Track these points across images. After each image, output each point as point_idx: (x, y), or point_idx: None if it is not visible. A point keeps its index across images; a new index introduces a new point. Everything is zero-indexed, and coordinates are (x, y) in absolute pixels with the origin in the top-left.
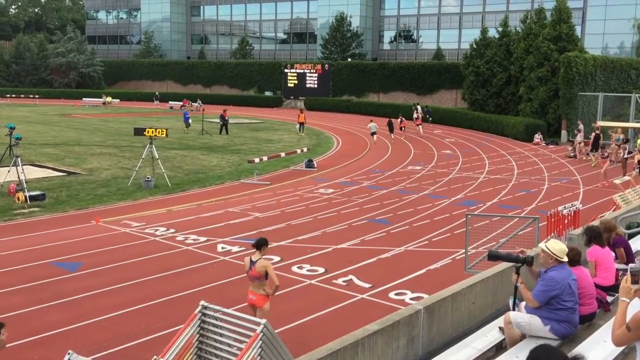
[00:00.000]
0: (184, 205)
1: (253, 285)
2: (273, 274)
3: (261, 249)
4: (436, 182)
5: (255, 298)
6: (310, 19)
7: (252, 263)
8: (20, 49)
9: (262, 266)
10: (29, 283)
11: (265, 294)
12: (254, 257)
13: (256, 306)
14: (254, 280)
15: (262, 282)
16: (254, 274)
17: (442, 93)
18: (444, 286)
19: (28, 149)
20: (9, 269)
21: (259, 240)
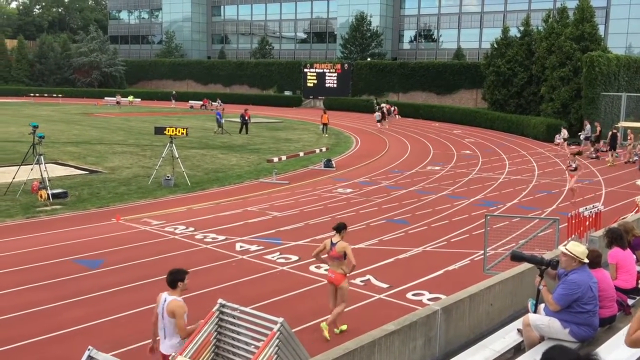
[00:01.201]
0: (203, 204)
1: (332, 264)
2: (351, 255)
3: (341, 232)
4: (455, 182)
5: (334, 276)
6: (330, 19)
7: (333, 244)
8: (44, 48)
9: (342, 247)
10: (51, 280)
11: (343, 272)
12: (334, 239)
13: (335, 284)
14: (334, 260)
15: (341, 262)
16: (334, 254)
17: (462, 93)
18: (462, 287)
19: (51, 147)
20: (31, 266)
21: (339, 224)
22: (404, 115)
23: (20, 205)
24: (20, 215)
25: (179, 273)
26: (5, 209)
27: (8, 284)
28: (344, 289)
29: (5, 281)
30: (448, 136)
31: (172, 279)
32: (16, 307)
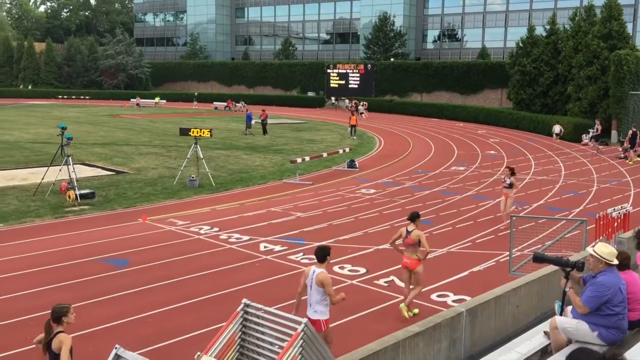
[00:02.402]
0: (228, 205)
1: (407, 251)
2: (425, 242)
3: (415, 221)
4: (480, 182)
5: (410, 262)
6: (353, 19)
7: (408, 232)
8: (72, 51)
9: (417, 235)
10: (78, 279)
11: (417, 258)
12: (409, 227)
13: (410, 269)
14: (409, 247)
15: (416, 249)
16: (409, 242)
17: (486, 92)
18: (487, 289)
19: (79, 148)
20: (59, 265)
21: (413, 214)
22: (427, 115)
23: (49, 206)
24: (49, 215)
25: (327, 249)
26: (35, 209)
27: (37, 283)
28: (419, 273)
29: (35, 280)
30: (472, 136)
31: (323, 253)
32: (45, 306)
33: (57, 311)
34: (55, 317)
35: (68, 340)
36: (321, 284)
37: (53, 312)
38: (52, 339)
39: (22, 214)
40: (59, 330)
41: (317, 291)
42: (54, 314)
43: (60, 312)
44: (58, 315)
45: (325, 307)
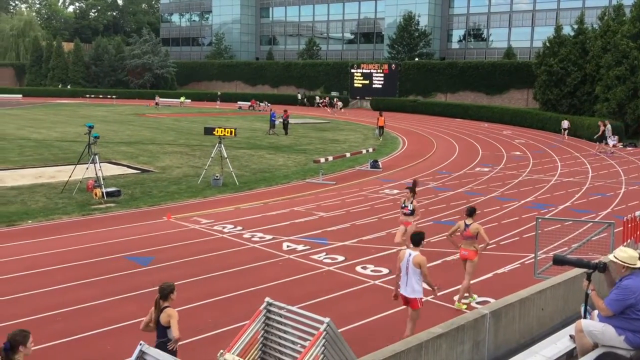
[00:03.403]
0: (251, 204)
1: (465, 243)
2: (485, 235)
3: (473, 215)
4: (505, 184)
5: (468, 253)
6: (378, 19)
7: (467, 225)
8: (99, 51)
9: (475, 228)
10: (104, 276)
11: (475, 249)
12: (467, 221)
13: (467, 259)
14: (467, 239)
15: (473, 241)
16: (468, 234)
17: (512, 93)
18: (511, 291)
19: (105, 147)
20: (86, 262)
21: (471, 208)
22: (451, 116)
23: (76, 203)
24: (76, 212)
25: (423, 234)
26: (62, 207)
27: (64, 279)
28: (474, 264)
29: (61, 276)
30: (497, 137)
31: (419, 238)
32: (71, 302)
33: (164, 289)
34: (163, 294)
35: (175, 314)
36: (418, 265)
37: (161, 290)
38: (161, 314)
39: (49, 211)
40: (165, 305)
41: (414, 272)
42: (162, 291)
43: (168, 290)
44: (166, 292)
45: (420, 287)
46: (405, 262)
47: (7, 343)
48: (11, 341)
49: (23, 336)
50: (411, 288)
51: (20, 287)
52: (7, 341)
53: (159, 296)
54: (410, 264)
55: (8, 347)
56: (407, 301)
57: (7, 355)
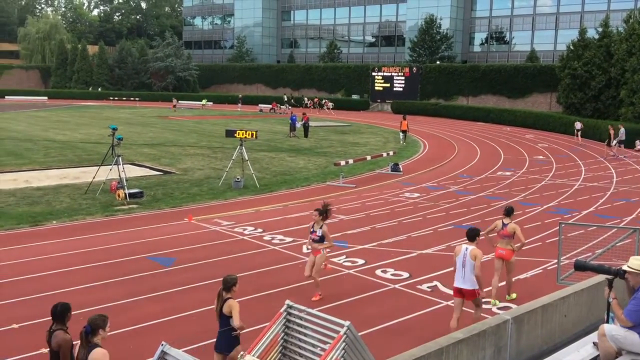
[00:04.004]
0: (272, 206)
1: (502, 242)
2: (521, 234)
3: (510, 215)
4: (527, 188)
5: (505, 252)
6: (399, 22)
7: (504, 225)
8: (123, 54)
9: (512, 228)
10: (126, 276)
11: (511, 248)
12: (505, 220)
13: (504, 259)
14: (504, 238)
15: (510, 240)
16: (504, 233)
17: (535, 96)
18: (534, 297)
19: (128, 148)
20: (109, 262)
21: (509, 208)
22: (473, 119)
23: (99, 204)
24: (99, 213)
25: (477, 230)
26: (86, 207)
27: (87, 279)
28: (512, 263)
29: (84, 276)
30: (520, 141)
31: (474, 234)
32: (94, 302)
33: (228, 281)
34: (226, 286)
35: (236, 305)
36: (474, 258)
37: (224, 282)
38: (223, 305)
39: (73, 211)
40: (228, 297)
41: (471, 265)
42: (225, 283)
43: (231, 282)
44: (229, 285)
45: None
46: (462, 257)
47: (87, 326)
48: (92, 325)
49: (102, 320)
50: (469, 281)
51: (44, 287)
52: (88, 324)
53: (222, 288)
54: (467, 258)
55: (89, 330)
56: (463, 293)
57: (88, 337)
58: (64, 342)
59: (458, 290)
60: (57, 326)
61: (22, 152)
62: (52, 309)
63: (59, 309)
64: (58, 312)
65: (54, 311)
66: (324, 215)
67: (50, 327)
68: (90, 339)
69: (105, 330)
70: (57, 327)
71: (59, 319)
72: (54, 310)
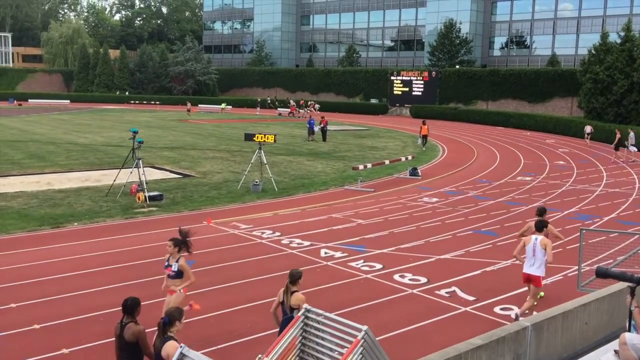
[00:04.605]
0: (290, 210)
1: None
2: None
3: (543, 215)
4: (548, 194)
5: None
6: (419, 26)
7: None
8: (144, 58)
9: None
10: (145, 278)
11: None
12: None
13: None
14: None
15: None
16: None
17: (556, 101)
18: (554, 304)
19: (149, 152)
20: (127, 264)
21: (541, 208)
22: (492, 123)
23: (120, 206)
24: (119, 215)
25: (546, 221)
26: (107, 210)
27: (106, 281)
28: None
29: (104, 278)
30: (540, 146)
31: (542, 225)
32: (113, 304)
33: (294, 275)
34: (292, 280)
35: (303, 298)
36: (544, 246)
37: (291, 276)
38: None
39: (94, 213)
40: (294, 290)
41: (541, 252)
42: (292, 277)
43: (297, 276)
44: (295, 278)
45: (544, 266)
46: (532, 245)
47: (165, 318)
48: (169, 316)
49: (179, 313)
50: (538, 268)
51: (65, 288)
52: (166, 316)
53: (288, 281)
54: (537, 246)
55: (167, 322)
56: (530, 279)
57: (165, 328)
58: (139, 333)
59: (527, 277)
60: (127, 319)
61: (45, 155)
62: (123, 303)
63: (129, 303)
64: (128, 306)
65: (125, 305)
66: (181, 246)
67: (121, 320)
68: (167, 330)
69: (181, 322)
70: (127, 320)
71: (129, 312)
72: (124, 304)
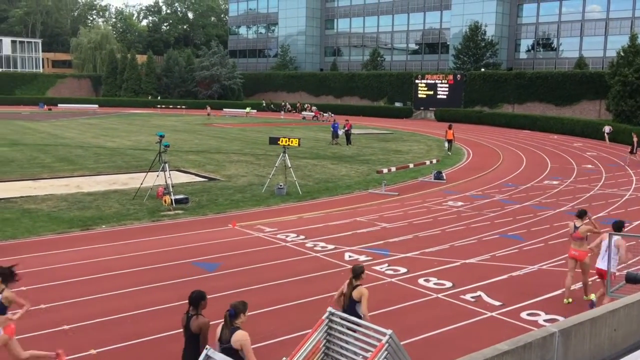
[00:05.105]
0: (314, 213)
1: (575, 243)
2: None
3: (583, 217)
4: (575, 198)
5: (578, 253)
6: (443, 29)
7: (576, 227)
8: (170, 63)
9: (584, 230)
10: (171, 280)
11: (584, 250)
12: (577, 223)
13: (578, 259)
14: (577, 240)
15: (583, 242)
16: (577, 236)
17: (583, 104)
18: (581, 309)
19: (175, 155)
20: (154, 267)
21: (581, 210)
22: (518, 127)
23: (146, 209)
24: (146, 218)
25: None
26: (134, 212)
27: (133, 282)
28: (586, 264)
29: (131, 280)
30: (567, 149)
31: (619, 225)
32: (143, 305)
33: (356, 270)
34: (355, 274)
35: (366, 292)
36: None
37: (354, 271)
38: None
39: (122, 216)
40: (357, 284)
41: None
42: (355, 272)
43: (359, 271)
44: (358, 273)
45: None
46: (607, 243)
47: (232, 310)
48: (235, 309)
49: (243, 305)
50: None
51: (93, 289)
52: (232, 308)
53: (352, 275)
54: (612, 245)
55: (233, 314)
56: (602, 274)
57: (231, 320)
58: (204, 324)
59: (599, 272)
60: (193, 311)
61: (74, 159)
62: (189, 296)
63: (194, 296)
64: (193, 299)
65: (190, 297)
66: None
67: (186, 311)
68: (233, 321)
69: (245, 315)
70: (193, 312)
71: (194, 304)
72: (190, 297)
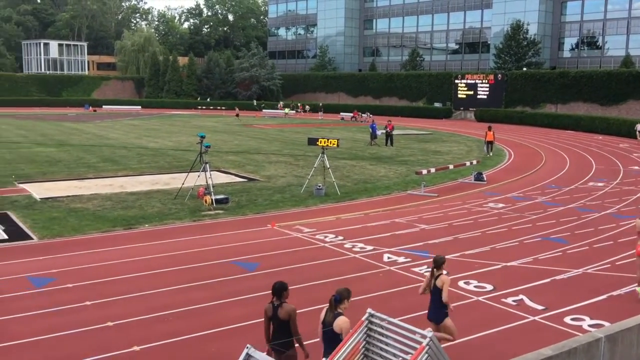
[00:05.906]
0: (352, 214)
1: None
2: None
3: None
4: (622, 200)
5: None
6: (484, 28)
7: None
8: (211, 64)
9: None
10: (211, 279)
11: None
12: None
13: None
14: None
15: None
16: None
17: (630, 103)
18: (628, 315)
19: (215, 156)
20: (194, 266)
21: None
22: (561, 127)
23: (188, 209)
24: (188, 218)
25: None
26: (176, 212)
27: (175, 281)
28: None
29: (173, 278)
30: (613, 150)
31: None
32: (181, 303)
33: (437, 260)
34: (437, 264)
35: (448, 280)
36: None
37: (435, 262)
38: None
39: (164, 215)
40: (440, 273)
41: None
42: (436, 263)
43: (441, 261)
44: (439, 263)
45: None
46: None
47: (337, 295)
48: (340, 295)
49: (347, 292)
50: None
51: (136, 287)
52: (337, 294)
53: (433, 266)
54: None
55: (338, 299)
56: None
57: (336, 305)
58: (293, 311)
59: None
60: (277, 300)
61: (118, 159)
62: (272, 286)
63: (277, 287)
64: (276, 289)
65: (273, 288)
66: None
67: (271, 300)
68: (337, 306)
69: (349, 301)
70: (277, 301)
71: (277, 294)
72: (273, 287)
